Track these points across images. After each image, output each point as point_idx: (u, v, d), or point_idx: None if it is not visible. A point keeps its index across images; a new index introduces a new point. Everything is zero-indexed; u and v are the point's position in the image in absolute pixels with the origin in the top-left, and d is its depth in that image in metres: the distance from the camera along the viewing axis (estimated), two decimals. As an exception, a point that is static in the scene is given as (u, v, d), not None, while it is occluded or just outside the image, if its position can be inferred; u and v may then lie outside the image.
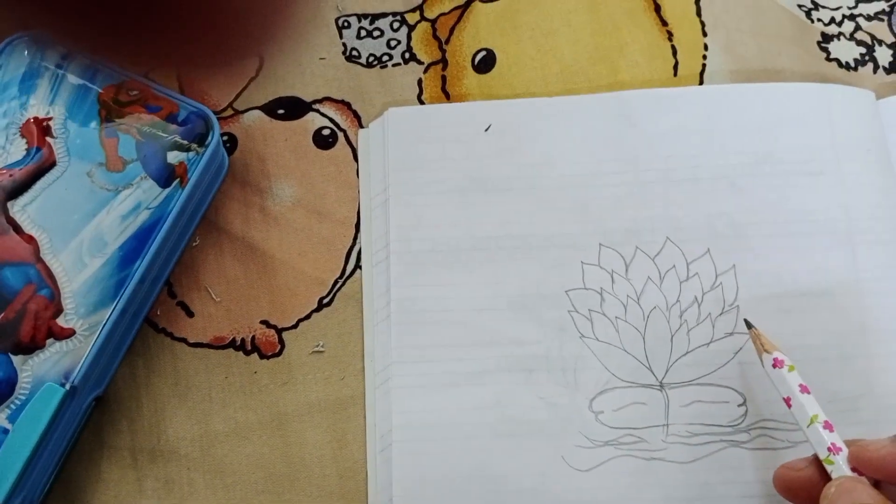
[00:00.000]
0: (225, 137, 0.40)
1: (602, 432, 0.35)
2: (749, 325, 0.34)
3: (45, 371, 0.34)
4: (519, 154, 0.39)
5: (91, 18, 0.15)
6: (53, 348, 0.34)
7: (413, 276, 0.38)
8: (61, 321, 0.34)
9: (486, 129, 0.39)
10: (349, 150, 0.41)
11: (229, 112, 0.42)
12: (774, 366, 0.33)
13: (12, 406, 0.33)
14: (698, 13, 0.42)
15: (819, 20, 0.41)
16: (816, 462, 0.31)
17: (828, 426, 0.31)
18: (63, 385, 0.34)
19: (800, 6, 0.42)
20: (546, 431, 0.35)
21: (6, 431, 0.33)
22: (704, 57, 0.41)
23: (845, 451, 0.30)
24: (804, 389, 0.32)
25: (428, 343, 0.37)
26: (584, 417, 0.35)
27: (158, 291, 0.38)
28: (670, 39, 0.41)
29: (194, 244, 0.39)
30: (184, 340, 0.39)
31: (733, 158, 0.38)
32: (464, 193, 0.38)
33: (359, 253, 0.39)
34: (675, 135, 0.38)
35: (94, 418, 0.37)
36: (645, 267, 0.37)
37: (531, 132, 0.39)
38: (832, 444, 0.30)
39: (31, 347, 0.34)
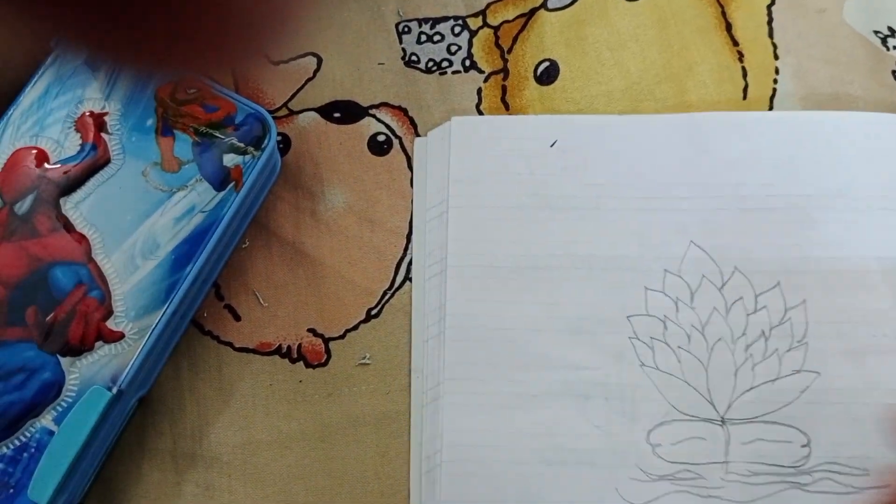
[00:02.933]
0: (279, 138, 0.39)
1: (659, 466, 0.34)
2: None
3: (92, 374, 0.33)
4: (584, 172, 0.38)
5: (113, 27, 0.14)
6: (102, 351, 0.33)
7: (469, 292, 0.37)
8: (111, 324, 0.33)
9: (552, 145, 0.38)
10: (404, 157, 0.40)
11: (284, 112, 0.41)
12: None
13: (59, 408, 0.33)
14: (770, 34, 0.40)
15: (895, 48, 0.40)
16: None
17: None
18: (110, 389, 0.33)
19: (875, 32, 0.40)
20: (601, 462, 0.34)
21: (52, 433, 0.32)
22: (775, 81, 0.40)
23: None
24: None
25: (481, 361, 0.36)
26: (640, 449, 0.34)
27: (206, 293, 0.37)
28: (741, 61, 0.40)
29: (243, 246, 0.39)
30: (230, 344, 0.38)
31: (808, 189, 0.37)
32: (525, 209, 0.37)
33: (409, 264, 0.38)
34: (747, 161, 0.37)
35: (136, 419, 0.36)
36: (711, 297, 0.35)
37: (598, 151, 0.38)
38: None
39: (79, 350, 0.33)
